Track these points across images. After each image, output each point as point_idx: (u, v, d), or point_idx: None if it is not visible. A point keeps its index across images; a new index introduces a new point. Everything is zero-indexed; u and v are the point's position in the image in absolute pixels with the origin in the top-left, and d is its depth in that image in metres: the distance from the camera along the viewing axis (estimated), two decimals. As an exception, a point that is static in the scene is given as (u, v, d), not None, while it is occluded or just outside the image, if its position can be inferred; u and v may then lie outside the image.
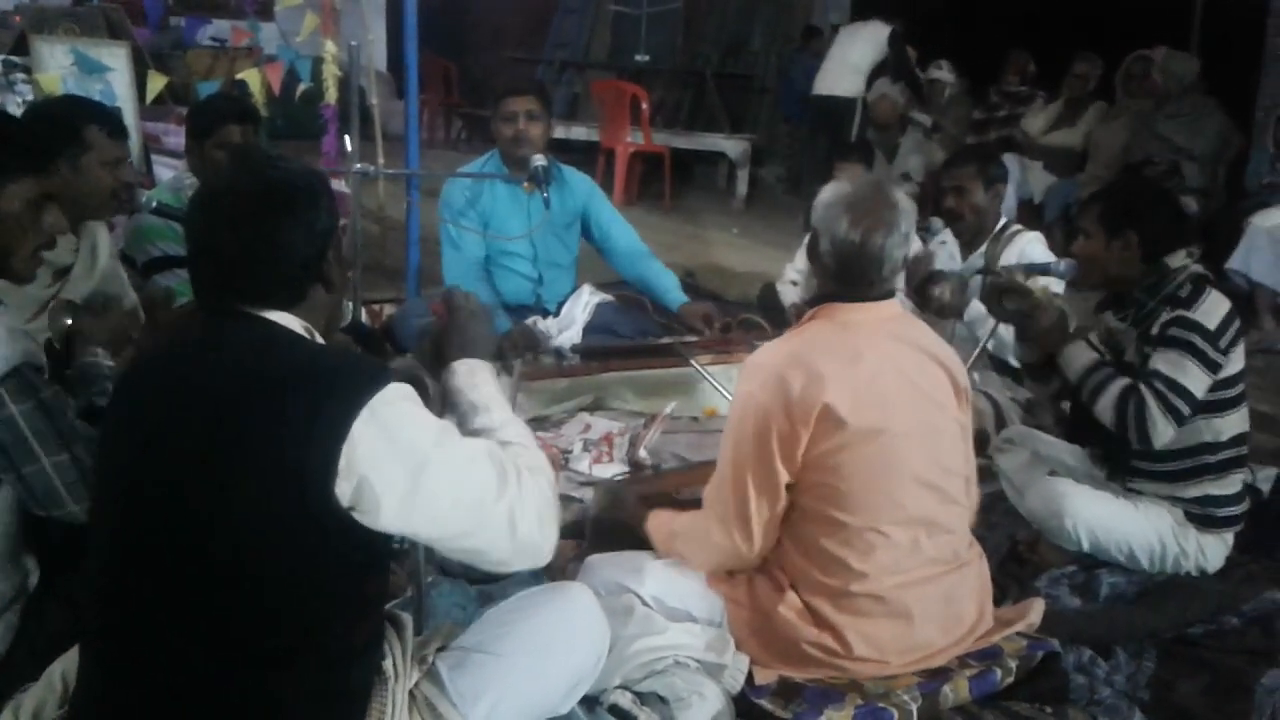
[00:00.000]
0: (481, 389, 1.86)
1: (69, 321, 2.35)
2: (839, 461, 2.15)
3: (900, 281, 3.88)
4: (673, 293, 4.15)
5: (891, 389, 2.18)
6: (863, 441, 2.14)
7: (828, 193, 2.27)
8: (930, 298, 3.47)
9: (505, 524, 1.65)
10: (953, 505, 2.29)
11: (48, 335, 2.36)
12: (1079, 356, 2.84)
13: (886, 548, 2.18)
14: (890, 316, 2.28)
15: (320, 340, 1.71)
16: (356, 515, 1.55)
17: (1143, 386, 2.68)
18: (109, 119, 2.91)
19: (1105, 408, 2.74)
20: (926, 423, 2.23)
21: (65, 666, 1.78)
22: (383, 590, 1.76)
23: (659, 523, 2.44)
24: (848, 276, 2.23)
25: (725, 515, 2.23)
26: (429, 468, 1.57)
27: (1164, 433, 2.67)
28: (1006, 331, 3.43)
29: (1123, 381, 2.73)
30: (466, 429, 1.79)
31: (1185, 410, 2.67)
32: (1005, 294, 2.99)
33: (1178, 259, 2.79)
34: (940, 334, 3.73)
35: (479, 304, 2.00)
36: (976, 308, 3.58)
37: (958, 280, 3.55)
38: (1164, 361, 2.69)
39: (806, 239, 2.30)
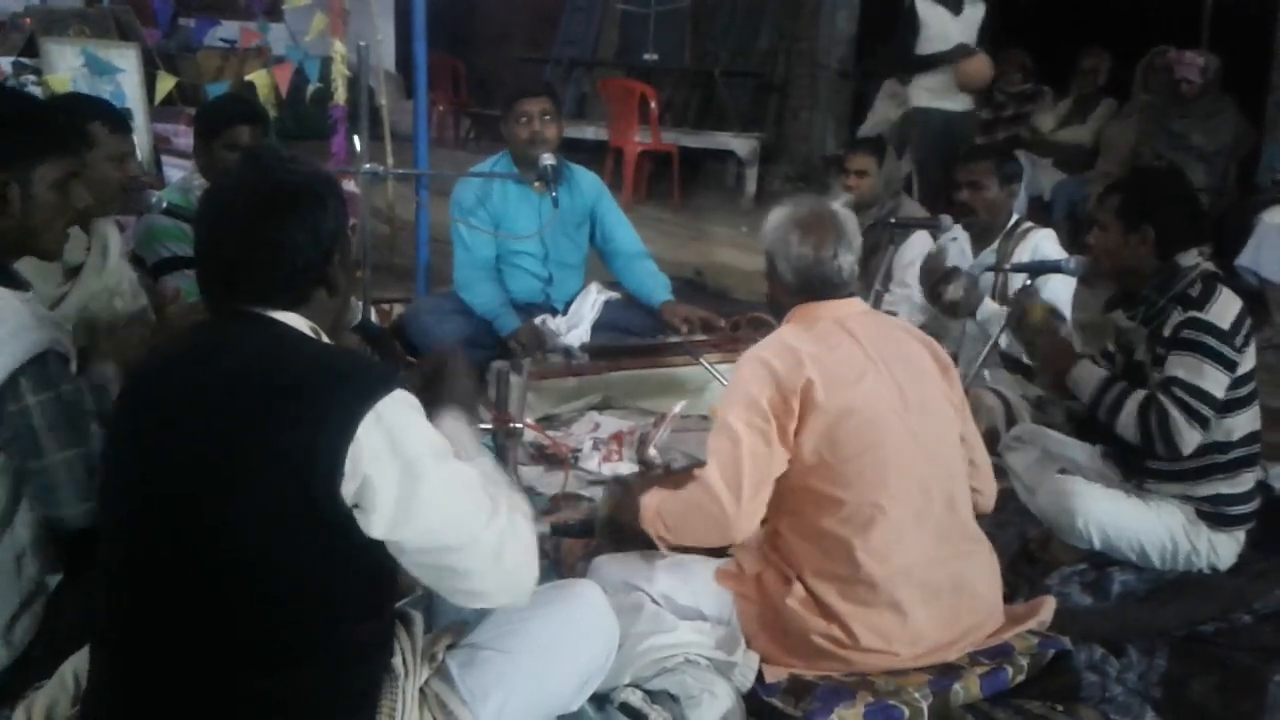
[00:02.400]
0: (467, 443, 1.84)
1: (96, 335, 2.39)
2: (829, 437, 2.19)
3: (912, 278, 3.90)
4: (659, 292, 4.16)
5: (866, 355, 2.26)
6: (845, 408, 2.19)
7: (773, 218, 2.40)
8: (942, 296, 3.48)
9: (492, 549, 1.64)
10: (949, 473, 2.31)
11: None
12: (1088, 377, 2.85)
13: (885, 523, 2.19)
14: (859, 310, 2.38)
15: (326, 341, 1.72)
16: (357, 514, 1.55)
17: (1162, 395, 2.67)
18: (111, 114, 2.93)
19: (1127, 424, 2.73)
20: (908, 388, 2.27)
21: (77, 665, 1.79)
22: (391, 588, 1.76)
23: (650, 500, 2.41)
24: (810, 288, 2.35)
25: (713, 474, 2.23)
26: (426, 477, 1.57)
27: (1190, 440, 2.66)
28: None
29: (1139, 395, 2.72)
30: None
31: (1208, 413, 2.66)
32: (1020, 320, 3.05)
33: (1189, 257, 2.78)
34: (953, 333, 3.76)
35: (465, 362, 2.03)
36: (989, 306, 3.58)
37: (970, 279, 3.55)
38: (1180, 366, 2.67)
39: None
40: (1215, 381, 2.66)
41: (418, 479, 1.56)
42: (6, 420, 1.88)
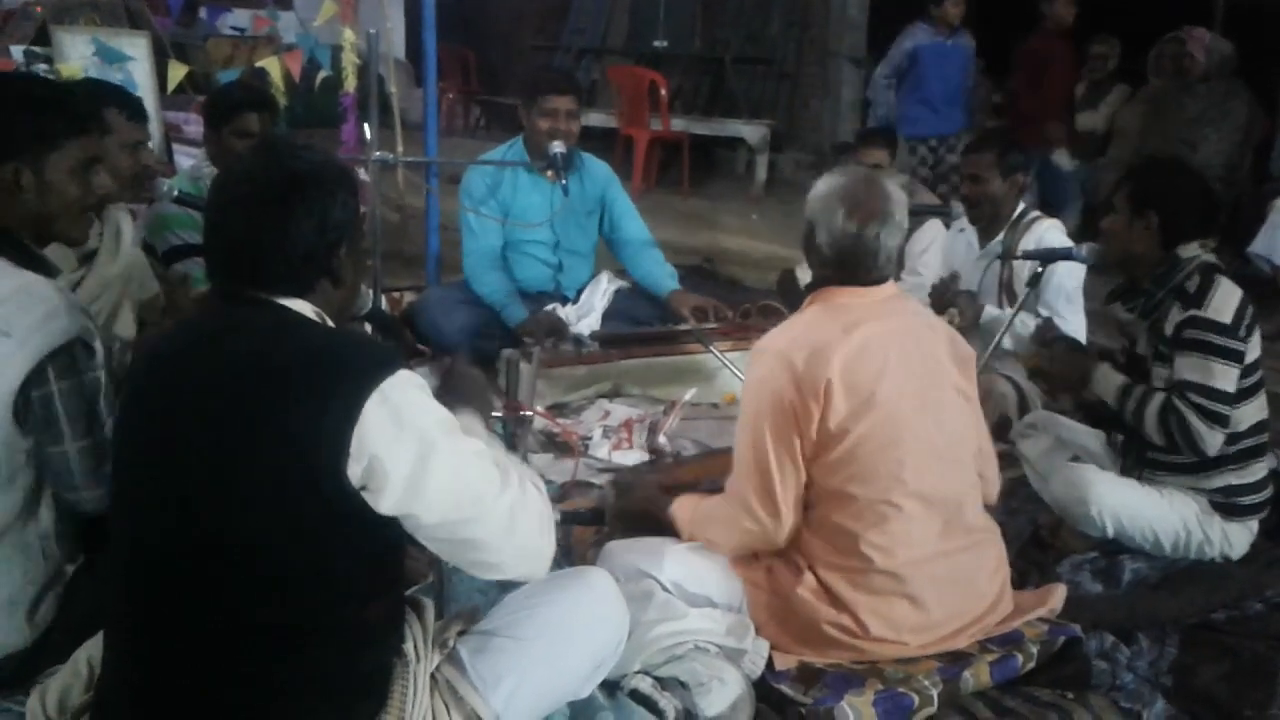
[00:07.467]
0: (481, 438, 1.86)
1: None
2: (847, 433, 2.17)
3: (924, 266, 3.89)
4: (666, 281, 4.16)
5: (886, 354, 2.20)
6: (864, 407, 2.16)
7: (823, 185, 2.31)
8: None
9: (506, 519, 1.67)
10: (961, 473, 2.30)
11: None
12: (1106, 385, 2.84)
13: (898, 519, 2.19)
14: (887, 297, 2.31)
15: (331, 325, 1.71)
16: (366, 495, 1.55)
17: (1177, 400, 2.65)
18: (128, 102, 2.93)
19: (1151, 430, 2.72)
20: (927, 388, 2.25)
21: (91, 652, 1.80)
22: (398, 570, 1.76)
23: (683, 507, 2.45)
24: (845, 266, 2.27)
25: (750, 497, 2.24)
26: (436, 453, 1.58)
27: (1213, 441, 2.65)
28: (1022, 327, 3.42)
29: (1157, 399, 2.70)
30: None
31: (1226, 411, 2.64)
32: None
33: (1190, 249, 2.76)
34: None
35: (473, 371, 2.08)
36: (989, 312, 3.58)
37: (967, 297, 3.55)
38: (1189, 368, 2.66)
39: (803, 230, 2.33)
40: (1226, 377, 2.64)
41: (428, 454, 1.57)
42: (34, 404, 1.90)
